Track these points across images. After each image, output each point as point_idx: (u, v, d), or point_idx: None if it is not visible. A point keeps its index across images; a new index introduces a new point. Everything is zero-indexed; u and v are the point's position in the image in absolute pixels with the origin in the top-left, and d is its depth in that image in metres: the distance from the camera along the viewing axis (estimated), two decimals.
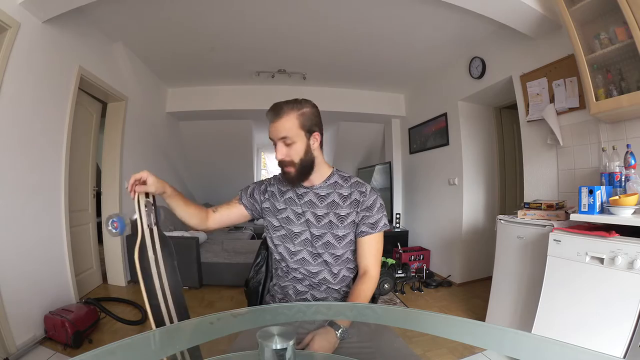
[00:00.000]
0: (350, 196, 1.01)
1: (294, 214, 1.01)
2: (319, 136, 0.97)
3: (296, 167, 0.94)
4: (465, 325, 0.79)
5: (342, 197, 1.01)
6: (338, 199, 1.01)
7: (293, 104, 0.93)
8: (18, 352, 1.73)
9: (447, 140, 3.45)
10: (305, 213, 1.00)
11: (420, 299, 2.85)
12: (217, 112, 4.20)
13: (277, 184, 1.07)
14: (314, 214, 1.00)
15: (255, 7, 2.40)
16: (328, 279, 0.99)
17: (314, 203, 1.00)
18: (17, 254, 1.86)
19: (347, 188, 1.02)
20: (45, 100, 2.09)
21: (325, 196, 1.01)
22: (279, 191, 1.05)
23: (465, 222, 3.21)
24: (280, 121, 0.91)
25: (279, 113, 0.91)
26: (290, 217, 1.01)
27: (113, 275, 3.08)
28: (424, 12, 2.41)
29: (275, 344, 0.50)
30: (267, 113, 0.93)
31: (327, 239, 0.99)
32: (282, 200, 1.03)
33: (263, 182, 1.10)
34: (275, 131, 0.92)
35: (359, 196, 1.00)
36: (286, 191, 1.04)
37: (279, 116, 0.91)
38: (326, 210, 1.00)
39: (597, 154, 1.93)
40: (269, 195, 1.06)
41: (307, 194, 1.01)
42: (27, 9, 1.84)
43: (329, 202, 1.00)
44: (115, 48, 2.90)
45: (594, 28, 1.72)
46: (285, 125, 0.91)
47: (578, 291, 1.48)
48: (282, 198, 1.03)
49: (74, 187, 2.48)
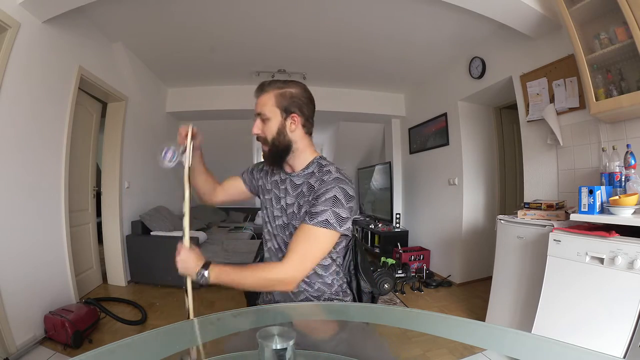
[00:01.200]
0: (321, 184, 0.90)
1: (276, 197, 1.01)
2: (298, 119, 0.93)
3: (269, 146, 0.94)
4: (465, 325, 0.79)
5: (310, 187, 0.92)
6: (306, 190, 0.93)
7: (277, 83, 0.94)
8: (18, 352, 1.73)
9: (447, 140, 3.45)
10: (282, 199, 0.99)
11: (420, 299, 2.85)
12: (217, 112, 4.19)
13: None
14: (286, 202, 0.98)
15: (255, 7, 2.40)
16: None
17: (288, 191, 0.97)
18: (17, 254, 1.86)
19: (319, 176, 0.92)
20: (45, 100, 2.09)
21: (299, 185, 0.95)
22: (271, 172, 1.06)
23: (465, 222, 3.21)
24: (260, 97, 0.94)
25: (262, 89, 0.94)
26: (272, 199, 1.02)
27: (113, 275, 3.08)
28: (424, 12, 2.40)
29: (275, 344, 0.50)
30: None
31: (291, 229, 0.95)
32: (270, 182, 1.04)
33: (259, 163, 1.13)
34: (257, 105, 0.95)
35: (319, 184, 0.90)
36: (275, 174, 1.04)
37: (260, 92, 0.94)
38: (293, 200, 0.96)
39: (597, 154, 1.93)
40: (263, 174, 1.08)
41: (286, 181, 0.99)
42: (27, 9, 1.84)
43: (298, 191, 0.95)
44: (115, 48, 2.90)
45: (594, 28, 1.72)
46: (262, 101, 0.93)
47: (578, 291, 1.48)
48: (271, 179, 1.04)
49: (74, 187, 2.48)
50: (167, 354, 0.64)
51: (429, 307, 2.66)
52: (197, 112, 4.20)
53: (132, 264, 3.14)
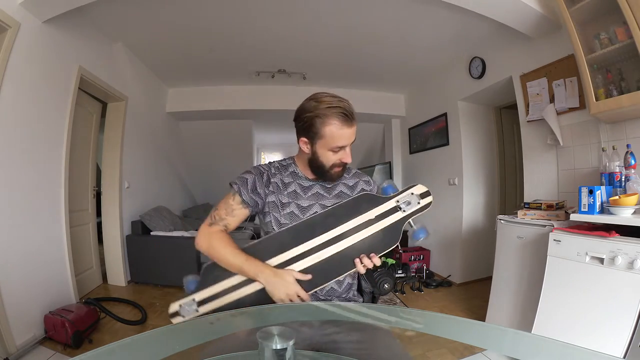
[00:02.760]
0: (356, 185, 1.04)
1: (299, 208, 0.96)
2: None
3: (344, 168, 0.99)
4: (465, 325, 0.79)
5: (348, 187, 1.03)
6: (345, 189, 1.02)
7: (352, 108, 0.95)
8: (18, 352, 1.73)
9: (447, 140, 3.45)
10: (312, 206, 0.96)
11: (420, 299, 2.85)
12: (217, 112, 4.20)
13: (279, 174, 0.99)
14: (322, 205, 0.97)
15: (255, 8, 2.40)
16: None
17: (321, 195, 0.99)
18: (17, 254, 1.86)
19: (351, 178, 1.05)
20: (45, 100, 2.09)
21: (331, 188, 1.01)
22: (282, 183, 0.98)
23: (465, 222, 3.21)
24: (354, 127, 0.92)
25: (354, 119, 0.91)
26: (294, 212, 0.96)
27: (113, 275, 3.08)
28: (424, 12, 2.40)
29: (275, 344, 0.50)
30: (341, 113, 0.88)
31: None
32: (285, 194, 0.97)
33: (262, 172, 0.98)
34: (351, 136, 0.92)
35: (365, 185, 1.04)
36: (289, 183, 0.99)
37: (354, 122, 0.91)
38: (335, 200, 0.98)
39: (597, 154, 1.93)
40: (273, 188, 0.96)
41: (313, 187, 1.00)
42: (27, 9, 1.84)
43: (336, 192, 1.01)
44: (115, 48, 2.90)
45: (594, 28, 1.72)
46: (354, 132, 0.93)
47: (578, 291, 1.48)
48: (286, 191, 0.97)
49: (74, 187, 2.48)
50: (167, 354, 0.64)
51: (429, 307, 2.66)
52: (197, 112, 4.20)
53: (132, 264, 3.14)
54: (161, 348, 0.65)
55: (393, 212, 0.92)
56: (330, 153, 0.92)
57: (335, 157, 0.93)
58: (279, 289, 0.85)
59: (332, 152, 0.92)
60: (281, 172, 1.01)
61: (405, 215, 0.92)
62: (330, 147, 0.91)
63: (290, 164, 1.03)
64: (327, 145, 0.91)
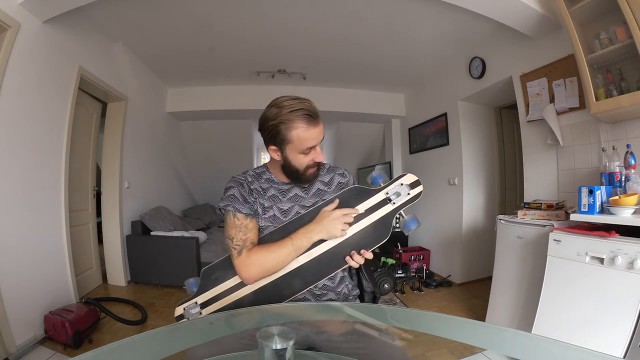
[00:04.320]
0: (332, 181, 1.04)
1: (280, 211, 0.97)
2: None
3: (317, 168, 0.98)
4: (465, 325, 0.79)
5: (324, 183, 1.03)
6: (322, 186, 1.02)
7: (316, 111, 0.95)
8: (18, 352, 1.73)
9: (447, 140, 3.45)
10: (292, 208, 0.98)
11: (420, 299, 2.85)
12: (217, 112, 4.19)
13: (256, 181, 1.00)
14: (302, 206, 0.98)
15: (255, 8, 2.40)
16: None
17: (300, 196, 1.00)
18: (18, 254, 1.86)
19: (325, 174, 1.05)
20: (45, 100, 2.09)
21: (308, 187, 1.01)
22: (262, 189, 0.99)
23: (465, 222, 3.21)
24: (318, 127, 0.91)
25: (318, 117, 0.91)
26: (276, 215, 0.97)
27: (113, 275, 3.08)
28: (424, 12, 2.40)
29: (275, 344, 0.50)
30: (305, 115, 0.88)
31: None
32: (266, 198, 0.98)
33: (241, 182, 0.98)
34: (319, 135, 0.92)
35: (341, 178, 1.05)
36: (267, 188, 0.99)
37: (319, 120, 0.91)
38: (314, 199, 0.99)
39: (597, 154, 1.93)
40: (256, 195, 0.97)
41: (291, 189, 1.00)
42: (27, 9, 1.84)
43: (314, 191, 1.01)
44: (115, 48, 2.90)
45: (594, 28, 1.72)
46: (321, 130, 0.92)
47: (578, 291, 1.48)
48: (266, 195, 0.98)
49: (74, 187, 2.48)
50: (167, 354, 0.64)
51: (429, 307, 2.66)
52: (197, 112, 4.20)
53: (132, 264, 3.14)
54: (161, 348, 0.65)
55: (383, 205, 0.91)
56: (301, 156, 0.92)
57: (307, 158, 0.93)
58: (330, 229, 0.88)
59: (303, 154, 0.91)
60: (257, 179, 1.00)
61: (395, 208, 0.92)
62: (300, 150, 0.90)
63: (264, 171, 1.03)
64: (297, 149, 0.90)
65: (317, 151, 0.93)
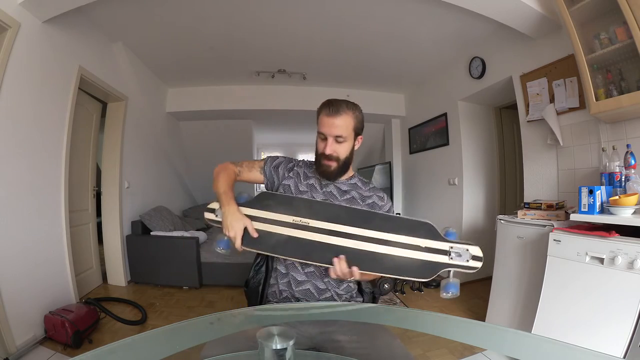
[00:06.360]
0: (369, 198, 1.07)
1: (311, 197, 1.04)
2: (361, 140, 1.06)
3: (339, 164, 1.01)
4: (465, 325, 0.79)
5: (362, 196, 1.07)
6: (357, 197, 1.07)
7: (350, 105, 0.99)
8: (18, 352, 1.73)
9: (447, 140, 3.45)
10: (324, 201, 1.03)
11: (420, 299, 2.85)
12: (217, 112, 4.19)
13: (304, 167, 1.11)
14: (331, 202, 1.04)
15: (255, 8, 2.40)
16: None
17: (334, 195, 1.06)
18: (17, 254, 1.86)
19: (367, 191, 1.09)
20: (45, 100, 2.09)
21: (345, 192, 1.07)
22: (305, 175, 1.09)
23: (465, 222, 3.20)
24: (339, 118, 0.96)
25: (338, 110, 0.96)
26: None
27: (113, 275, 3.08)
28: (424, 12, 2.40)
29: (275, 344, 0.50)
30: (323, 106, 0.98)
31: None
32: (305, 184, 1.07)
33: (291, 161, 1.13)
34: (333, 126, 0.96)
35: (378, 200, 1.07)
36: (310, 177, 1.08)
37: (338, 113, 0.96)
38: (344, 204, 1.03)
39: (597, 154, 1.93)
40: (294, 175, 1.09)
41: (329, 185, 1.07)
42: (27, 9, 1.84)
43: (348, 197, 1.06)
44: (115, 48, 2.90)
45: (594, 28, 1.72)
46: (342, 123, 0.96)
47: (578, 291, 1.48)
48: (306, 182, 1.07)
49: (74, 187, 2.48)
50: (167, 354, 0.64)
51: (429, 307, 2.66)
52: (197, 112, 4.20)
53: (132, 264, 3.14)
54: (161, 348, 0.65)
55: (441, 253, 0.92)
56: (318, 140, 1.01)
57: (321, 145, 1.00)
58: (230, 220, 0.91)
59: (320, 139, 1.00)
60: (308, 167, 1.11)
61: (450, 263, 0.92)
62: (318, 131, 1.00)
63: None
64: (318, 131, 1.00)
65: (328, 142, 0.98)
